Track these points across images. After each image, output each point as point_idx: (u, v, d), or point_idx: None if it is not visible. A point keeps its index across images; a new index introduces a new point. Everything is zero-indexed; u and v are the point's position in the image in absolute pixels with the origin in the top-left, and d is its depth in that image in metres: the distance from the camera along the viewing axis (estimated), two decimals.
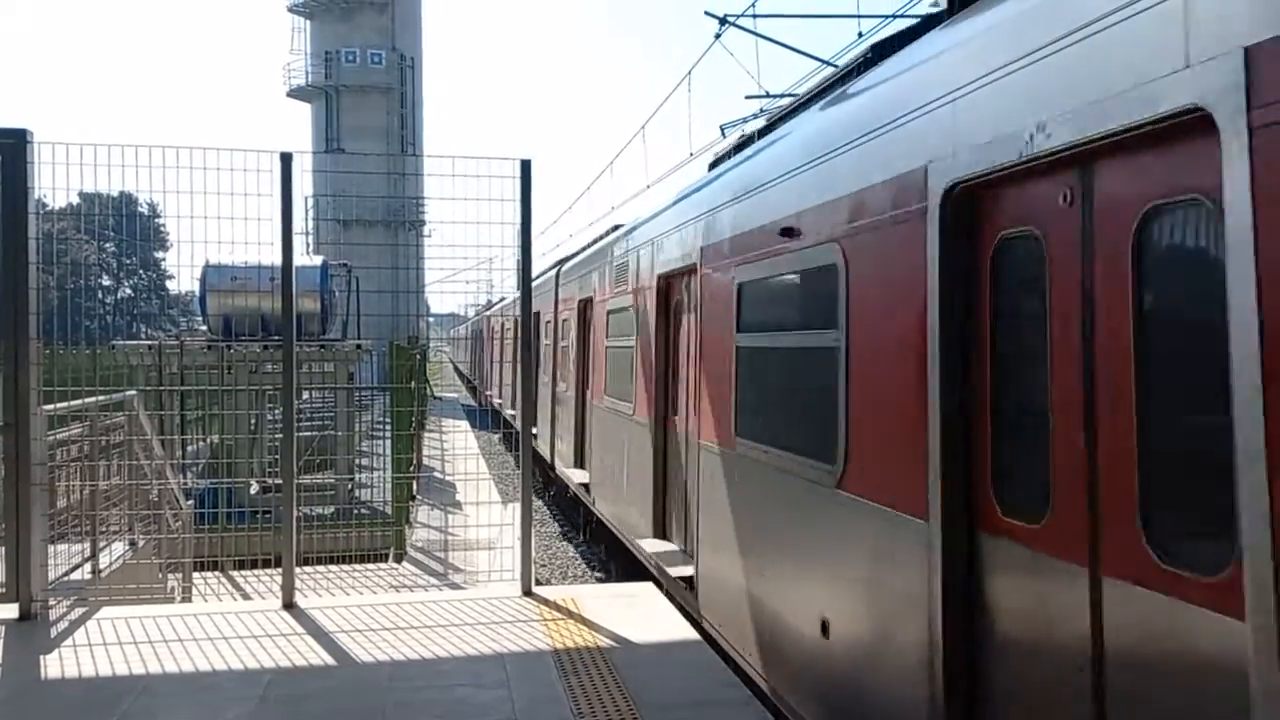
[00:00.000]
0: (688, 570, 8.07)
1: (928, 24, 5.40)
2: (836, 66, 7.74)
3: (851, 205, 5.06)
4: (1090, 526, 3.39)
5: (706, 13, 10.83)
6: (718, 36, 11.02)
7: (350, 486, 15.45)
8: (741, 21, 10.71)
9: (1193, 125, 2.85)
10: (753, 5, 10.59)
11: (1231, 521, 2.71)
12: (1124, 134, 3.11)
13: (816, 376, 5.46)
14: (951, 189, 4.07)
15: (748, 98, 10.29)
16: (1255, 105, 2.61)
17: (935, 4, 5.35)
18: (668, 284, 9.16)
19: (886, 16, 10.41)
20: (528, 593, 7.61)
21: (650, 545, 9.15)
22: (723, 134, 9.94)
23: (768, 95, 10.02)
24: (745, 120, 9.44)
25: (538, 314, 18.09)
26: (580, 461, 14.10)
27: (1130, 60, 3.08)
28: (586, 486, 13.47)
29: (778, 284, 6.28)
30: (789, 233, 5.84)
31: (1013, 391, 3.92)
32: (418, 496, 16.34)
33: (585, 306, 13.82)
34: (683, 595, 8.10)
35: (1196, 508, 3.03)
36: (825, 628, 5.27)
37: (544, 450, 17.80)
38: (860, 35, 10.07)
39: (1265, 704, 2.58)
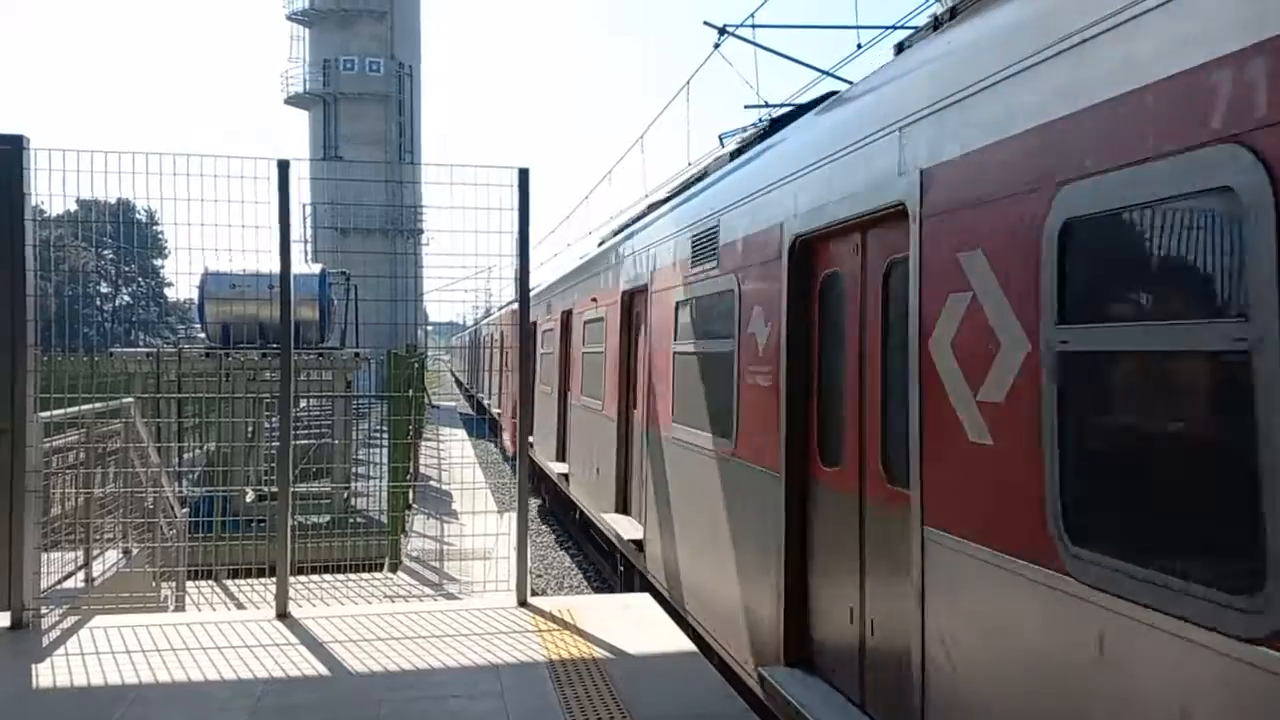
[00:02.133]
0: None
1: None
2: (834, 76, 7.86)
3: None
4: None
5: (705, 22, 10.84)
6: (716, 46, 11.02)
7: (346, 495, 15.41)
8: (740, 32, 10.73)
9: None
10: (751, 16, 10.60)
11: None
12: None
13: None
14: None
15: (746, 107, 10.29)
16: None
17: (934, 15, 5.35)
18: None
19: (885, 28, 10.43)
20: (523, 603, 7.58)
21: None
22: (721, 143, 9.93)
23: (766, 105, 10.03)
24: (744, 129, 9.43)
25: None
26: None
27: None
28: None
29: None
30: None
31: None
32: (414, 505, 16.30)
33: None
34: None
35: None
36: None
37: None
38: (859, 46, 10.09)
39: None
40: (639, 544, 9.68)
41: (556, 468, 15.58)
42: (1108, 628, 3.10)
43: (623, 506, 10.89)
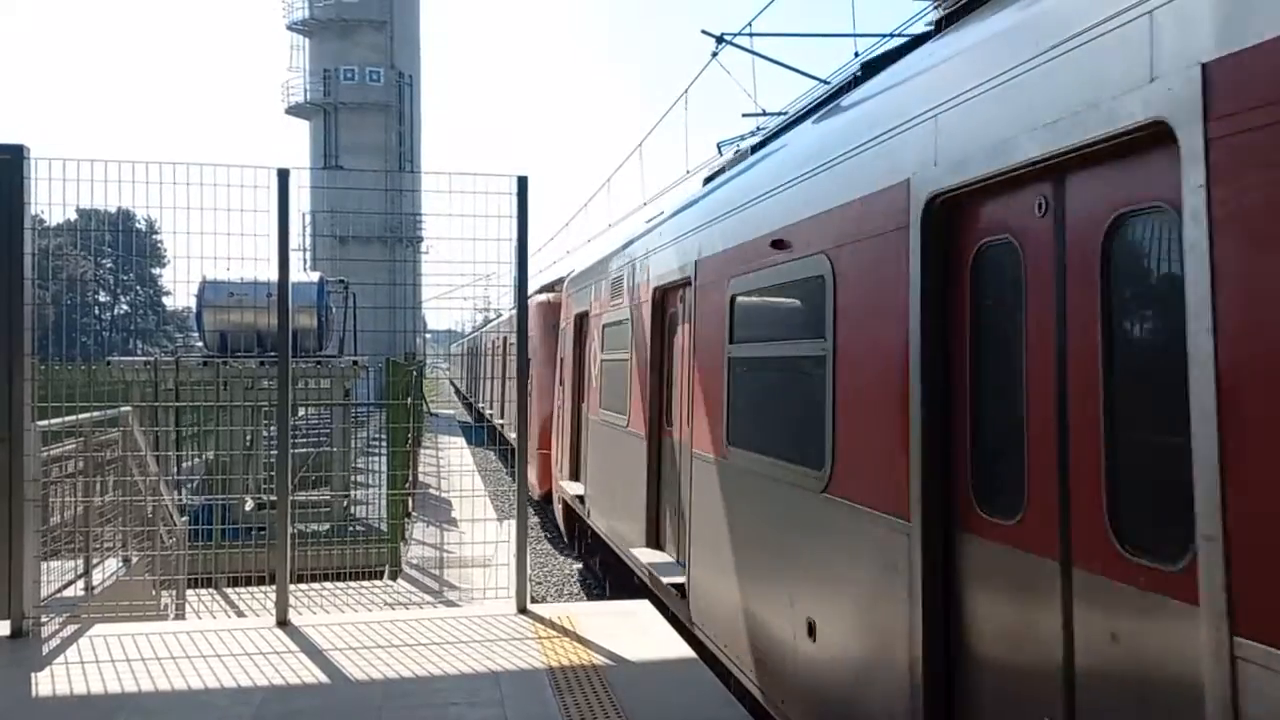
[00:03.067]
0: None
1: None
2: (830, 84, 7.80)
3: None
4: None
5: (703, 31, 10.86)
6: (714, 55, 11.05)
7: (346, 503, 15.40)
8: (738, 40, 10.75)
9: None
10: (749, 24, 10.63)
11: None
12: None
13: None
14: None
15: (744, 115, 10.31)
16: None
17: (930, 22, 5.37)
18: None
19: (882, 35, 10.45)
20: (523, 610, 7.58)
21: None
22: (719, 151, 9.95)
23: (764, 113, 10.04)
24: (742, 138, 9.46)
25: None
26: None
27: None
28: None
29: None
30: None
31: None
32: (413, 513, 16.28)
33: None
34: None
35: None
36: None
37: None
38: (856, 54, 10.10)
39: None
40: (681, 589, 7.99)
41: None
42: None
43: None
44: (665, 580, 8.17)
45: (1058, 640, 3.50)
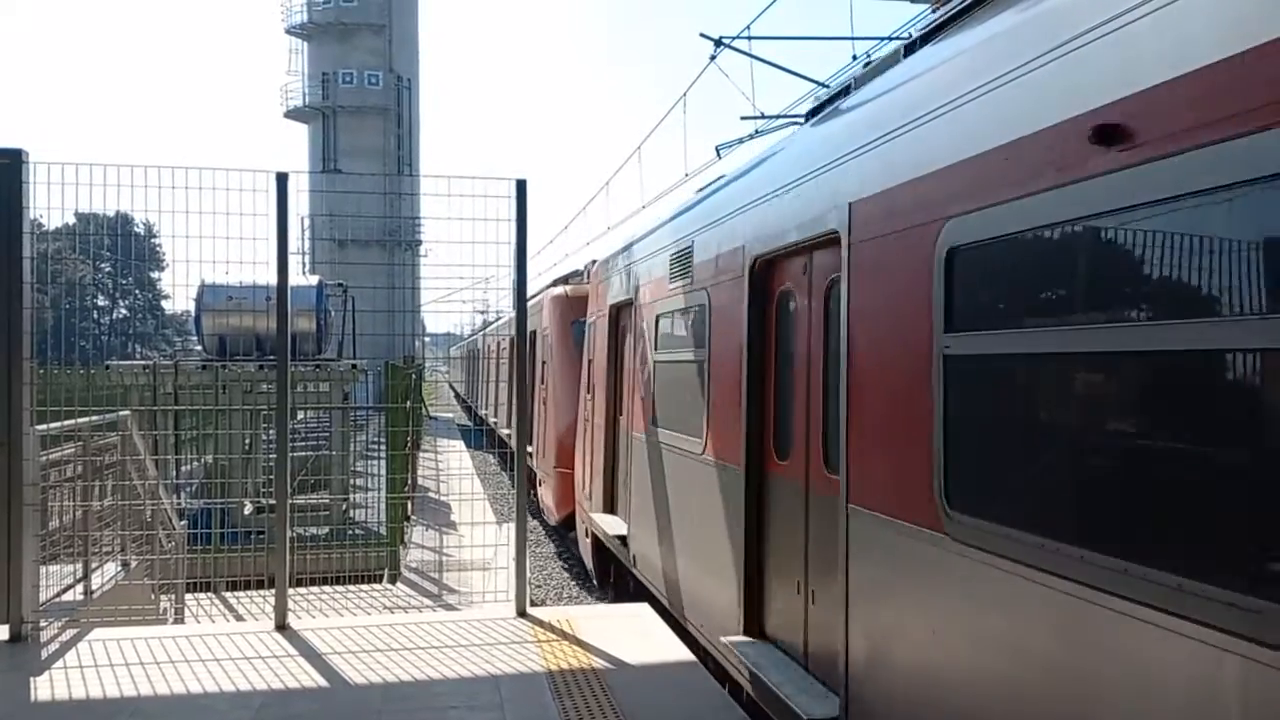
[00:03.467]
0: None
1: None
2: (828, 86, 7.82)
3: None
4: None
5: (702, 34, 10.88)
6: (713, 58, 11.07)
7: (345, 507, 15.39)
8: (736, 43, 10.77)
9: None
10: (748, 28, 10.65)
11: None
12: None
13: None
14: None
15: (743, 118, 10.33)
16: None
17: (928, 24, 5.38)
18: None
19: (880, 39, 10.47)
20: (522, 614, 7.58)
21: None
22: (718, 154, 9.98)
23: (763, 116, 10.06)
24: (740, 141, 9.48)
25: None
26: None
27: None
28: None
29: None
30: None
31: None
32: (412, 517, 16.28)
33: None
34: None
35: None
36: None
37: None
38: (854, 57, 10.12)
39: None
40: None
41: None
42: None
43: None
44: None
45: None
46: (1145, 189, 3.00)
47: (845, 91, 6.17)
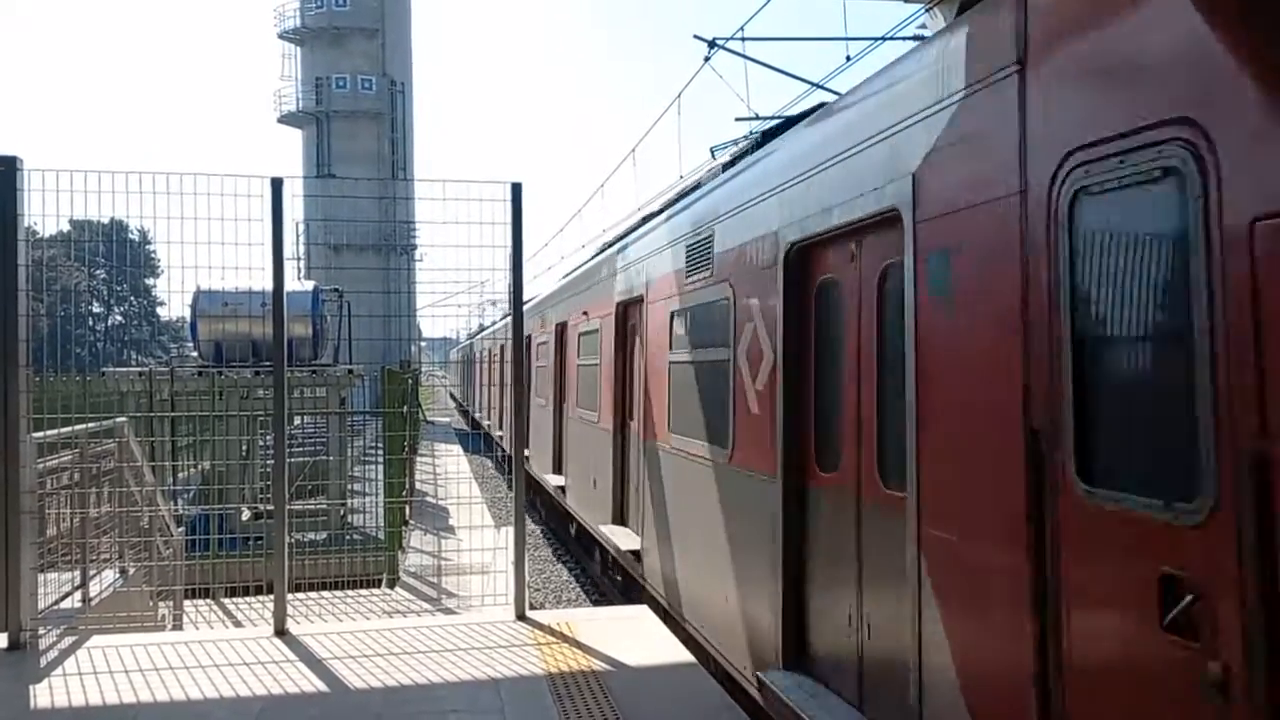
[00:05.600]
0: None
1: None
2: (824, 88, 7.84)
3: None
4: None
5: (695, 36, 10.90)
6: (707, 59, 11.08)
7: (342, 512, 15.37)
8: (730, 45, 10.78)
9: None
10: (741, 29, 10.67)
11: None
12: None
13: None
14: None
15: (737, 120, 10.36)
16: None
17: (923, 25, 5.39)
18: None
19: (875, 39, 10.49)
20: (521, 617, 7.57)
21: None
22: (713, 155, 9.98)
23: (757, 117, 10.08)
24: (735, 142, 9.48)
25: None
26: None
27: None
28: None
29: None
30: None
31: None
32: (410, 521, 16.26)
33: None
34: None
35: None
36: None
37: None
38: (848, 59, 10.14)
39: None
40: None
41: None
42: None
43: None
44: None
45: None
46: None
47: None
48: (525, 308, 9.47)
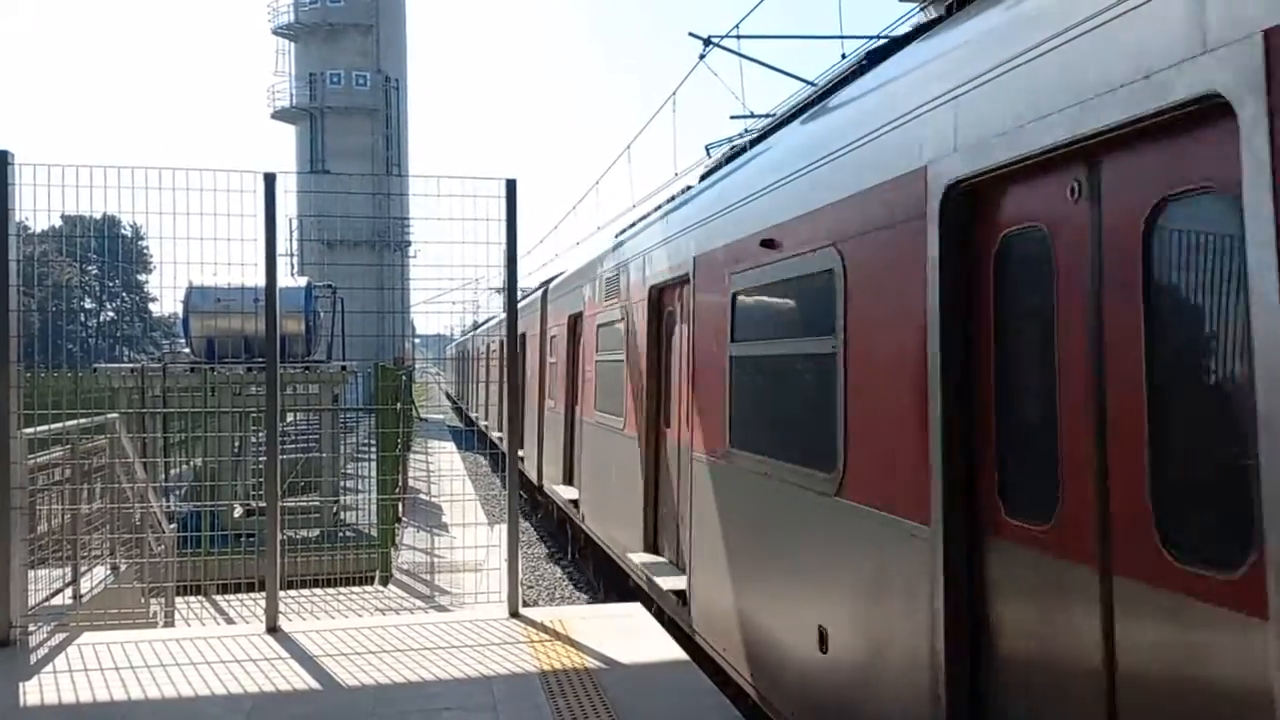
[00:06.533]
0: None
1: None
2: (817, 86, 7.76)
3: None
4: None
5: (691, 33, 10.89)
6: (702, 57, 11.07)
7: (335, 509, 15.35)
8: (726, 42, 10.77)
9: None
10: (736, 27, 10.65)
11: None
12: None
13: None
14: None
15: (732, 117, 10.34)
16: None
17: (919, 24, 5.38)
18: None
19: (870, 37, 10.47)
20: (515, 614, 7.56)
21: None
22: (708, 153, 9.96)
23: (752, 115, 10.06)
24: (730, 140, 9.46)
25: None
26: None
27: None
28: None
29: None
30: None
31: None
32: (403, 518, 16.24)
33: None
34: None
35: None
36: None
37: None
38: (844, 56, 10.12)
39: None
40: None
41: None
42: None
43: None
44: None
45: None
46: None
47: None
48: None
